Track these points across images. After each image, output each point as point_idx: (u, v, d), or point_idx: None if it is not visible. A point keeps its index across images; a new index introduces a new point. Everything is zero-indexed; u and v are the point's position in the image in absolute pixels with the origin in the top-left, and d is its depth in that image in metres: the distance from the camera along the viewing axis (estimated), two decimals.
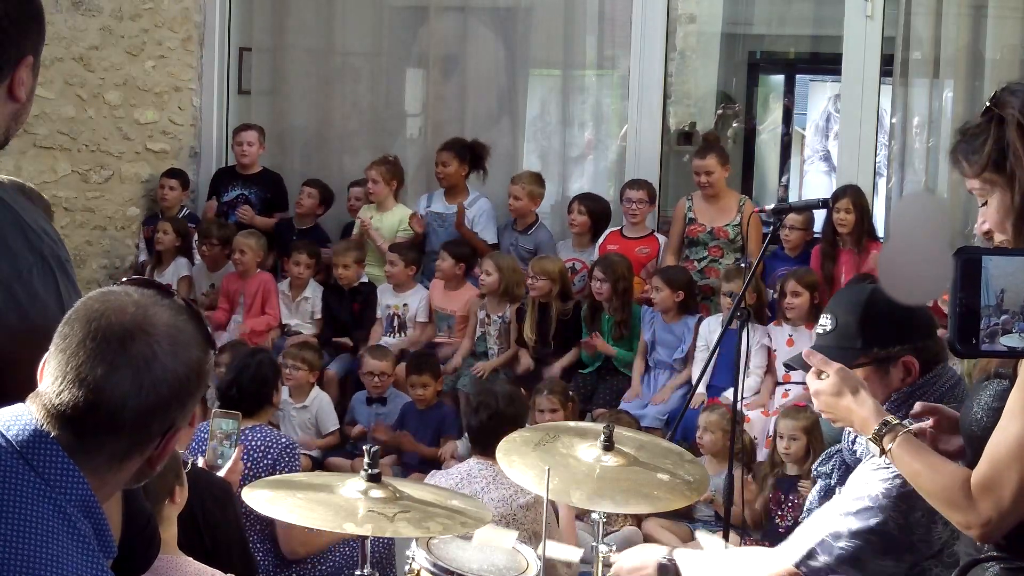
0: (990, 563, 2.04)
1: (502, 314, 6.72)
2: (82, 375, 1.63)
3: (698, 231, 6.77)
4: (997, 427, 1.93)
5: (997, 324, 1.76)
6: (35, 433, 1.63)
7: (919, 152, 7.21)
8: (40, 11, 1.91)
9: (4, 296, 1.80)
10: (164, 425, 1.69)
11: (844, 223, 6.23)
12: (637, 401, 6.32)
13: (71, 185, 7.55)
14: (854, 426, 2.25)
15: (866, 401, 2.20)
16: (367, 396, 6.66)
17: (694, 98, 9.04)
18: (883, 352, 2.53)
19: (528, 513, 4.00)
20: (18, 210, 1.90)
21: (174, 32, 7.86)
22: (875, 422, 2.16)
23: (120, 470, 1.69)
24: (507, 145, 7.78)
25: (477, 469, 4.16)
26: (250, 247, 7.18)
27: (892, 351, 2.52)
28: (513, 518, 3.92)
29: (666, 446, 3.39)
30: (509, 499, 4.00)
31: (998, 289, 1.76)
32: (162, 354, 1.66)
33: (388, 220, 7.33)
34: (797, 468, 5.33)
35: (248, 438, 4.06)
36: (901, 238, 1.82)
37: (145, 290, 1.73)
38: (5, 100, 1.88)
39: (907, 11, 6.95)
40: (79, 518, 1.62)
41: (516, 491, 3.97)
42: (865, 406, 2.20)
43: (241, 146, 7.65)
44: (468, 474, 4.16)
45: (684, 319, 6.38)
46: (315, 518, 2.80)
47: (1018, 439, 1.89)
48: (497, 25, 7.94)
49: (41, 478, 1.62)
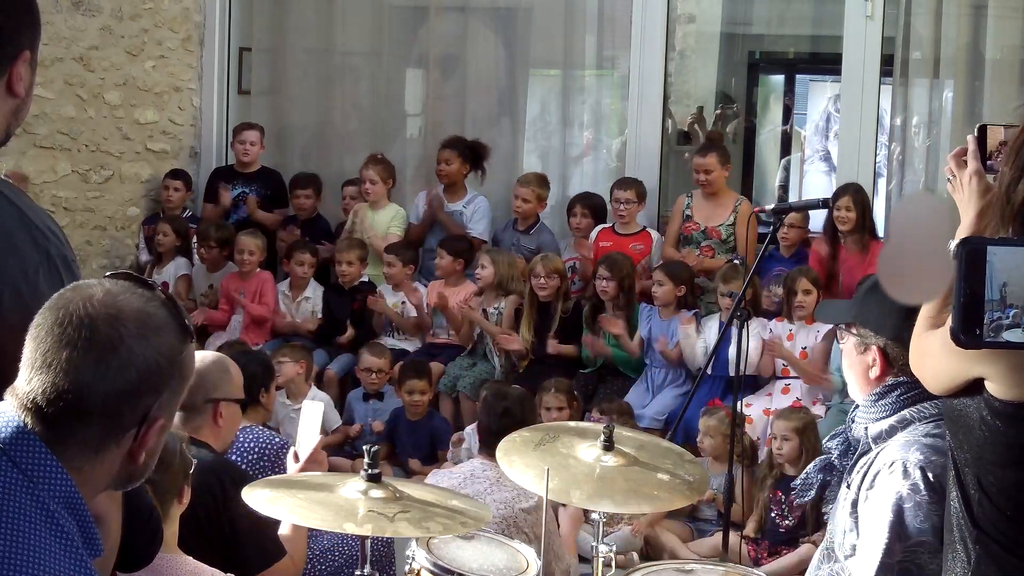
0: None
1: (498, 306, 6.72)
2: (48, 360, 1.63)
3: (692, 229, 6.79)
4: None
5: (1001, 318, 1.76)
6: (16, 429, 1.63)
7: (919, 152, 7.22)
8: (35, 6, 1.91)
9: (11, 295, 1.80)
10: (137, 413, 1.67)
11: (845, 221, 6.23)
12: (638, 402, 6.31)
13: (71, 185, 7.55)
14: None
15: (968, 214, 2.16)
16: (363, 392, 6.66)
17: (694, 98, 9.04)
18: (859, 332, 2.63)
19: (529, 517, 3.98)
20: (24, 210, 1.90)
21: (174, 32, 7.86)
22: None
23: (97, 462, 1.67)
24: (507, 145, 7.78)
25: (481, 470, 4.15)
26: (258, 247, 7.18)
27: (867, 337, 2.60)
28: (514, 521, 3.92)
29: (666, 446, 3.39)
30: (511, 502, 3.98)
31: (1001, 283, 1.76)
32: (129, 338, 1.64)
33: (380, 218, 7.35)
34: (794, 468, 5.33)
35: (239, 439, 4.05)
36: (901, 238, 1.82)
37: (121, 281, 1.72)
38: (4, 96, 1.88)
39: (907, 11, 6.95)
40: (63, 515, 1.61)
41: (519, 494, 3.95)
42: (967, 217, 2.16)
43: (243, 145, 7.65)
44: (471, 474, 4.15)
45: (681, 314, 6.38)
46: (315, 518, 2.80)
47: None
48: (497, 25, 7.94)
49: (24, 475, 1.61)
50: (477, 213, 7.24)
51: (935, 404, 2.48)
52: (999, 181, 2.06)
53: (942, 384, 2.10)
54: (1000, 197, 2.03)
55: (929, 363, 2.12)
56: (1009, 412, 1.98)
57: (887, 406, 2.56)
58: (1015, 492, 2.01)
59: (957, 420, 2.08)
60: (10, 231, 1.85)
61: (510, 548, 3.32)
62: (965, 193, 2.16)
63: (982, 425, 2.02)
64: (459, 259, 6.94)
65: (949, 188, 2.22)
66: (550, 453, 3.13)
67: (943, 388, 2.10)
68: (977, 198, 2.13)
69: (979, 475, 2.05)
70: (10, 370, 1.70)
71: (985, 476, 2.04)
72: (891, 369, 2.57)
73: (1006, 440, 1.99)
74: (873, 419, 2.59)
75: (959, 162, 2.19)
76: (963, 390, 2.05)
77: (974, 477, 2.06)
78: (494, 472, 4.05)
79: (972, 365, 1.99)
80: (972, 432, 2.04)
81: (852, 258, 6.27)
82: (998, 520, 2.03)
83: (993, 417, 1.99)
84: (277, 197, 7.77)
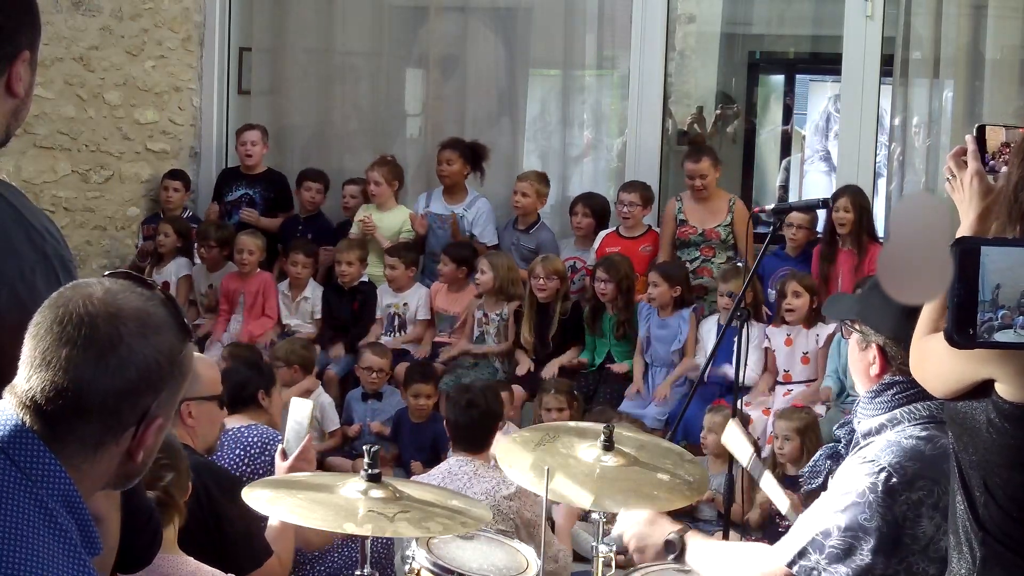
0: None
1: (500, 312, 6.72)
2: (48, 358, 1.63)
3: (689, 233, 6.77)
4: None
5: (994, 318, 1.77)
6: (15, 428, 1.63)
7: (919, 152, 7.22)
8: (35, 6, 1.91)
9: (7, 295, 1.80)
10: (136, 412, 1.67)
11: (843, 222, 6.24)
12: (638, 401, 6.32)
13: (71, 185, 7.55)
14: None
15: (968, 216, 2.16)
16: (362, 392, 6.66)
17: (694, 98, 9.04)
18: (861, 329, 2.62)
19: (512, 503, 4.01)
20: (21, 209, 1.90)
21: (174, 32, 7.86)
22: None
23: (96, 461, 1.67)
24: (507, 145, 7.78)
25: (458, 466, 4.17)
26: (258, 247, 7.18)
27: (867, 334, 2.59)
28: (498, 509, 3.92)
29: (666, 446, 3.39)
30: (492, 491, 4.01)
31: (994, 284, 1.77)
32: (128, 336, 1.65)
33: (389, 220, 7.34)
34: (795, 468, 5.34)
35: (245, 435, 4.05)
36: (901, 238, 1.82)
37: (120, 280, 1.72)
38: (3, 96, 1.88)
39: (907, 11, 6.95)
40: (62, 514, 1.61)
41: (498, 483, 3.99)
42: (967, 219, 2.16)
43: (245, 146, 7.65)
44: (449, 472, 4.16)
45: (679, 312, 6.39)
46: (315, 518, 2.80)
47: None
48: (497, 25, 7.94)
49: (23, 473, 1.61)
50: (481, 217, 7.22)
51: (928, 406, 2.48)
52: (1007, 180, 2.05)
53: (948, 387, 2.08)
54: (1008, 196, 2.03)
55: (932, 366, 2.11)
56: (1018, 414, 1.97)
57: (881, 404, 2.56)
58: (1022, 494, 2.01)
59: (962, 422, 2.07)
60: (7, 231, 1.85)
61: (510, 548, 3.32)
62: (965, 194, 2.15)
63: (989, 427, 2.01)
64: (462, 267, 6.94)
65: (948, 189, 2.21)
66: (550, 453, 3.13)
67: (948, 391, 2.09)
68: (978, 199, 2.12)
69: (985, 477, 2.04)
70: (8, 369, 1.70)
71: (992, 478, 2.03)
72: (889, 368, 2.57)
73: (1014, 442, 1.99)
74: (868, 415, 2.59)
75: (959, 162, 2.18)
76: (969, 393, 2.05)
77: (980, 479, 2.05)
78: (471, 466, 4.11)
79: (980, 367, 1.99)
80: (978, 434, 2.03)
81: (851, 260, 6.27)
82: (1004, 522, 2.03)
83: (1001, 419, 1.99)
84: (281, 199, 7.77)
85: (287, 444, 3.56)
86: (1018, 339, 1.79)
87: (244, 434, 4.06)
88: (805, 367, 6.13)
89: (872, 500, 2.40)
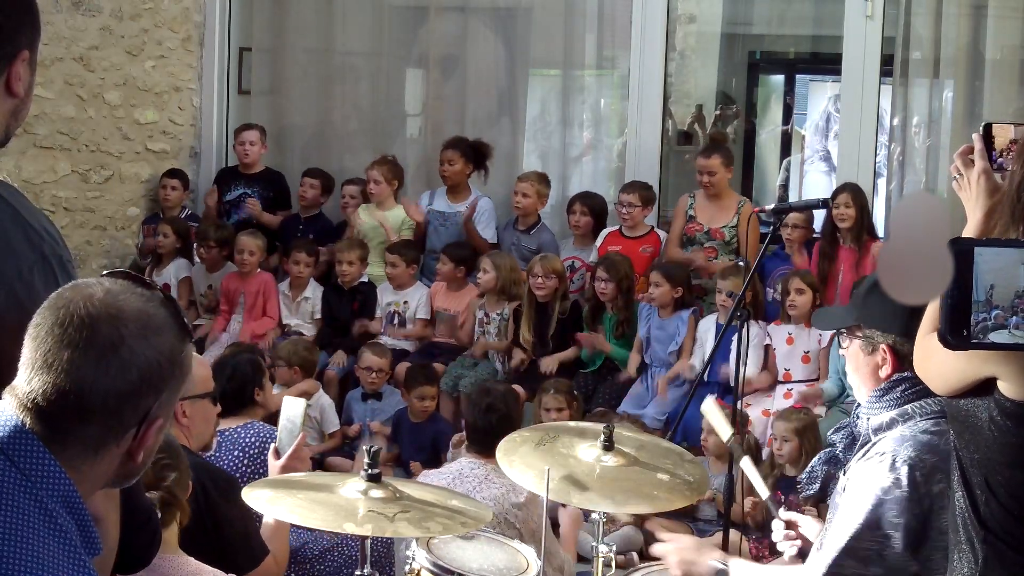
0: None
1: (501, 311, 6.72)
2: (50, 360, 1.63)
3: (695, 230, 6.79)
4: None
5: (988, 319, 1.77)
6: (15, 429, 1.63)
7: (919, 152, 7.22)
8: (35, 6, 1.91)
9: (5, 295, 1.80)
10: (138, 413, 1.68)
11: (844, 218, 6.24)
12: (638, 401, 6.31)
13: (71, 185, 7.54)
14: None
15: (975, 214, 2.16)
16: (362, 392, 6.66)
17: (694, 98, 9.04)
18: (866, 333, 2.61)
19: (520, 513, 3.98)
20: (20, 209, 1.90)
21: (174, 32, 7.86)
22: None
23: (96, 462, 1.67)
24: (507, 145, 7.78)
25: (469, 468, 4.15)
26: (258, 247, 7.18)
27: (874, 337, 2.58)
28: (505, 517, 3.91)
29: (666, 446, 3.39)
30: (501, 498, 3.98)
31: (987, 284, 1.77)
32: (130, 338, 1.65)
33: (389, 219, 7.34)
34: (794, 469, 5.33)
35: (241, 436, 4.05)
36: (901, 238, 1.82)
37: (120, 280, 1.72)
38: (3, 96, 1.88)
39: (907, 11, 6.95)
40: (61, 514, 1.61)
41: (508, 489, 3.96)
42: (974, 217, 2.16)
43: (243, 145, 7.65)
44: (460, 473, 4.15)
45: (678, 314, 6.39)
46: (315, 518, 2.80)
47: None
48: (497, 25, 7.94)
49: (22, 474, 1.61)
50: (483, 216, 7.23)
51: (938, 401, 2.47)
52: (1009, 179, 2.05)
53: (950, 385, 2.09)
54: (1010, 195, 2.03)
55: (934, 364, 2.11)
56: (1020, 412, 1.97)
57: (891, 401, 2.56)
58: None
59: (964, 420, 2.07)
60: (6, 231, 1.85)
61: (510, 548, 3.32)
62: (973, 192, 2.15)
63: (991, 425, 2.01)
64: (460, 266, 6.94)
65: (955, 187, 2.21)
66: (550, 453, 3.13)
67: (951, 389, 2.09)
68: (985, 197, 2.12)
69: (987, 475, 2.04)
70: (7, 369, 1.70)
71: (993, 476, 2.03)
72: (902, 366, 2.56)
73: (1016, 440, 1.99)
74: (877, 412, 2.59)
75: (966, 161, 2.18)
76: (971, 391, 2.05)
77: (982, 477, 2.05)
78: (483, 469, 4.08)
79: (983, 365, 1.99)
80: (980, 432, 2.03)
81: (851, 257, 6.27)
82: (1006, 520, 2.03)
83: (1003, 417, 1.99)
84: (280, 199, 7.77)
85: (280, 443, 3.56)
86: (1012, 339, 1.79)
87: (241, 435, 4.05)
88: (805, 366, 6.13)
89: (899, 496, 2.41)
